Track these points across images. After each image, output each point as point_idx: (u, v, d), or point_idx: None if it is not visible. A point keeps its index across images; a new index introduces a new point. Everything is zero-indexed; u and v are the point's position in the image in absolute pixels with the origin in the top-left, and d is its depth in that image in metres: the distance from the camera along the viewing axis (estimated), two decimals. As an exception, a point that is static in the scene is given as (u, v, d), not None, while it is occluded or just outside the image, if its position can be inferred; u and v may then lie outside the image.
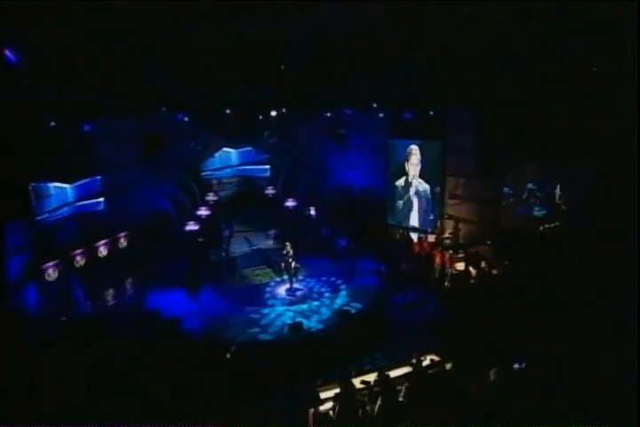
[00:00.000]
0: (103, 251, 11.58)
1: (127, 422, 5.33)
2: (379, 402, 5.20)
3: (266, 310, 9.69)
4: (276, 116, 11.90)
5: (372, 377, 5.98)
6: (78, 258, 10.68)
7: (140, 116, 11.79)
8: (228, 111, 12.66)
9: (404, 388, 5.47)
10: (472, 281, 9.87)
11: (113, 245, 11.91)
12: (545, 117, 10.00)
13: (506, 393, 6.05)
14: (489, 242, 11.34)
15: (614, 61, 8.88)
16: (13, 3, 6.21)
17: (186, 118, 12.00)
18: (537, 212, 10.84)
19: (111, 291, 10.98)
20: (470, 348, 7.43)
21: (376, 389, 5.50)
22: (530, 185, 10.82)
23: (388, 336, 9.03)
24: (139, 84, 10.31)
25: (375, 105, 11.47)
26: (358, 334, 8.66)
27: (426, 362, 6.28)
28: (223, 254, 12.89)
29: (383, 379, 5.52)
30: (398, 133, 13.04)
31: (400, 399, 5.38)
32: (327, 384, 5.93)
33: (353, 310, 9.40)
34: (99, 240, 11.53)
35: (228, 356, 7.31)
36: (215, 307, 9.87)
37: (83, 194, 11.63)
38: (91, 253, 11.08)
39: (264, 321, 9.25)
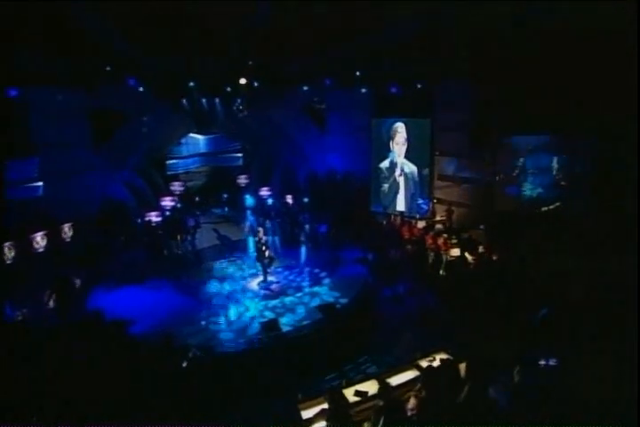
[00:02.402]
0: (40, 243, 9.75)
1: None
2: (382, 421, 3.87)
3: (234, 308, 8.23)
4: (246, 85, 10.42)
5: (368, 386, 4.66)
6: (5, 251, 8.83)
7: (86, 84, 10.03)
8: (191, 84, 11.14)
9: (411, 399, 4.15)
10: (470, 268, 8.74)
11: (54, 238, 10.10)
12: (541, 87, 9.06)
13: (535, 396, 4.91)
14: (482, 226, 10.33)
15: (614, 25, 8.06)
16: None
17: (141, 88, 10.32)
18: (530, 191, 9.87)
19: (49, 291, 9.16)
20: (479, 345, 6.28)
21: (378, 402, 4.16)
22: (521, 160, 9.82)
23: (378, 334, 7.77)
24: (82, 45, 8.65)
25: (358, 73, 10.17)
26: (345, 334, 7.32)
27: (436, 363, 5.01)
28: (189, 247, 11.38)
29: (386, 389, 4.20)
30: (383, 111, 11.88)
31: (408, 414, 4.07)
32: (310, 398, 4.56)
33: (338, 306, 8.06)
34: (35, 231, 9.71)
35: (185, 364, 5.80)
36: (174, 305, 8.31)
37: (14, 177, 9.76)
38: (23, 245, 9.24)
39: (231, 320, 7.81)
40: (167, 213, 13.02)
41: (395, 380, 4.79)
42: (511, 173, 10.05)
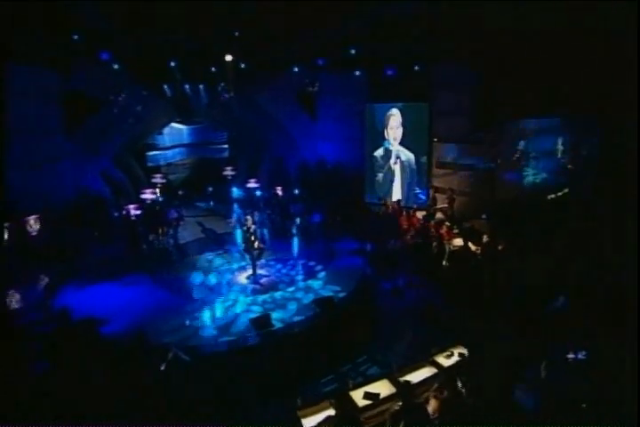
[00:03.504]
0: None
1: None
2: (401, 426, 3.21)
3: (220, 303, 7.45)
4: (232, 65, 9.65)
5: (379, 387, 4.00)
6: (-41, 245, 7.84)
7: (55, 61, 9.12)
8: (172, 64, 10.31)
9: (432, 400, 3.50)
10: (475, 259, 8.14)
11: (18, 231, 9.11)
12: (545, 67, 8.57)
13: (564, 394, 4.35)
14: (484, 216, 9.80)
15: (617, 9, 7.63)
16: None
17: (116, 66, 9.43)
18: (533, 176, 9.29)
19: (12, 290, 8.19)
20: (494, 340, 5.69)
21: (392, 406, 3.50)
22: (522, 143, 9.22)
23: (379, 331, 7.13)
24: (51, 17, 7.76)
25: (353, 51, 9.50)
26: (342, 331, 6.61)
27: (454, 358, 4.39)
28: (170, 241, 10.53)
29: (406, 389, 3.54)
30: (378, 96, 11.24)
31: (430, 416, 3.42)
32: (312, 404, 3.86)
33: (335, 299, 7.37)
34: (-5, 223, 8.71)
35: (163, 367, 5.02)
36: (153, 302, 7.48)
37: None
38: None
39: (216, 316, 7.02)
40: (148, 206, 12.14)
41: (409, 378, 4.14)
42: (511, 158, 9.48)
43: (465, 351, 4.76)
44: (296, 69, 10.52)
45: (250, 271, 8.43)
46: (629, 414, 3.95)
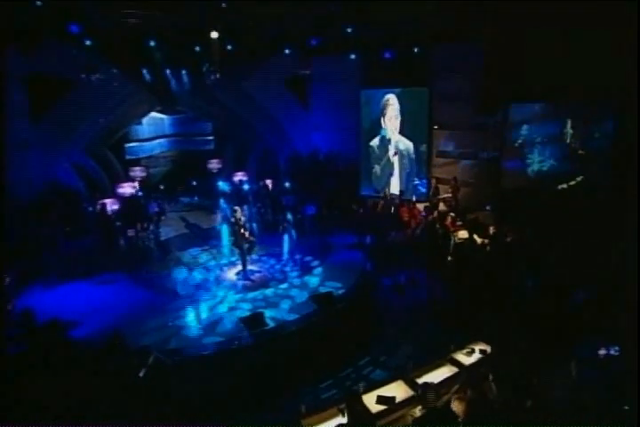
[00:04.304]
0: (-42, 232, 7.79)
1: None
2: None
3: (207, 302, 6.75)
4: (218, 44, 8.92)
5: (393, 390, 3.41)
6: None
7: (16, 37, 8.21)
8: (152, 43, 9.49)
9: (455, 402, 2.91)
10: (483, 252, 7.60)
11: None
12: (553, 46, 8.13)
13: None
14: (488, 207, 9.34)
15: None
16: None
17: (88, 42, 8.56)
18: (539, 164, 8.76)
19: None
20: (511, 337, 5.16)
21: (410, 411, 2.90)
22: (525, 127, 8.67)
23: (381, 332, 6.56)
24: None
25: (350, 30, 8.89)
26: (341, 331, 5.99)
27: (476, 355, 3.84)
28: (151, 236, 9.74)
29: (430, 391, 2.96)
30: (374, 81, 10.64)
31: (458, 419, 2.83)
32: (317, 411, 3.27)
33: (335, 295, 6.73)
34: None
35: (142, 374, 4.31)
36: (130, 302, 6.72)
37: None
38: None
39: (202, 316, 6.33)
40: (126, 200, 11.28)
41: (427, 379, 3.56)
42: (513, 144, 8.96)
43: (486, 348, 4.20)
44: (287, 51, 9.84)
45: (239, 267, 7.73)
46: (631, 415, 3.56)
